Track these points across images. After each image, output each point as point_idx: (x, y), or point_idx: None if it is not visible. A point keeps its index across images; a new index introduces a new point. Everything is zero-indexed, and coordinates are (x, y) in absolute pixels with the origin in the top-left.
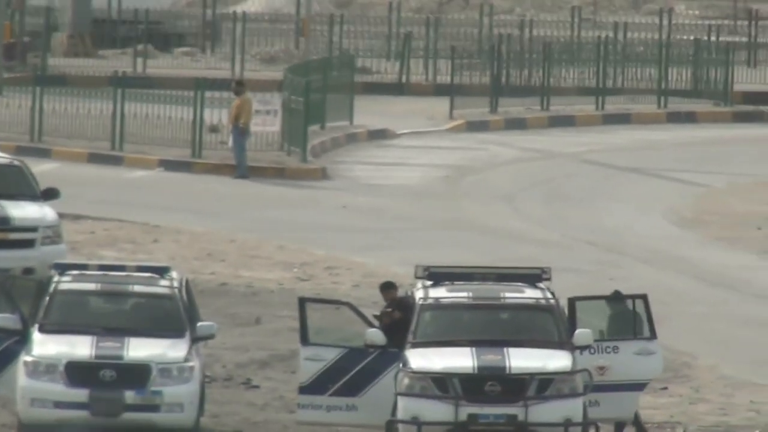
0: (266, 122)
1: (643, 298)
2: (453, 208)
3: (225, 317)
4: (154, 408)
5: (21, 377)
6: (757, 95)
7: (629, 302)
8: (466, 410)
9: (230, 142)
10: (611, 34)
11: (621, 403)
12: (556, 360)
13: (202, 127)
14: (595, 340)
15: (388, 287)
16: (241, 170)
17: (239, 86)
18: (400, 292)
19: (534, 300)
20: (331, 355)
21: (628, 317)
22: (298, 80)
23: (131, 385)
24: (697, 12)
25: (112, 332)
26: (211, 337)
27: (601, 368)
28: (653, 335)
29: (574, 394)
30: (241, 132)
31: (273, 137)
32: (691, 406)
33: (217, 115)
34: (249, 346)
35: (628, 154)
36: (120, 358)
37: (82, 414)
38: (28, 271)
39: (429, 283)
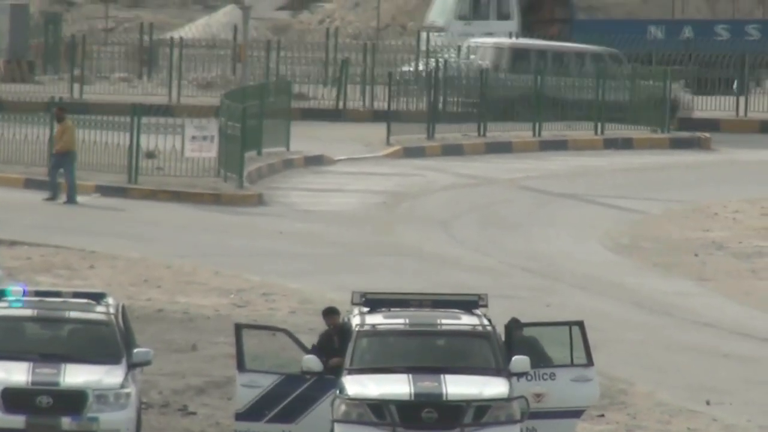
0: (203, 148)
1: (580, 324)
2: (389, 234)
3: (161, 343)
4: None
5: None
6: (695, 121)
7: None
8: None
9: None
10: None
11: (558, 430)
12: (492, 387)
13: (138, 153)
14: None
15: (330, 313)
16: (54, 190)
17: (60, 112)
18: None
19: (470, 327)
20: (267, 381)
21: (528, 345)
22: (234, 106)
23: (68, 411)
24: None
25: (48, 358)
26: (147, 363)
27: (538, 395)
28: (590, 362)
29: (510, 421)
30: (60, 157)
31: (209, 163)
32: None
33: (154, 140)
34: (185, 372)
35: (564, 180)
36: (56, 384)
37: None
38: None
39: (365, 309)
